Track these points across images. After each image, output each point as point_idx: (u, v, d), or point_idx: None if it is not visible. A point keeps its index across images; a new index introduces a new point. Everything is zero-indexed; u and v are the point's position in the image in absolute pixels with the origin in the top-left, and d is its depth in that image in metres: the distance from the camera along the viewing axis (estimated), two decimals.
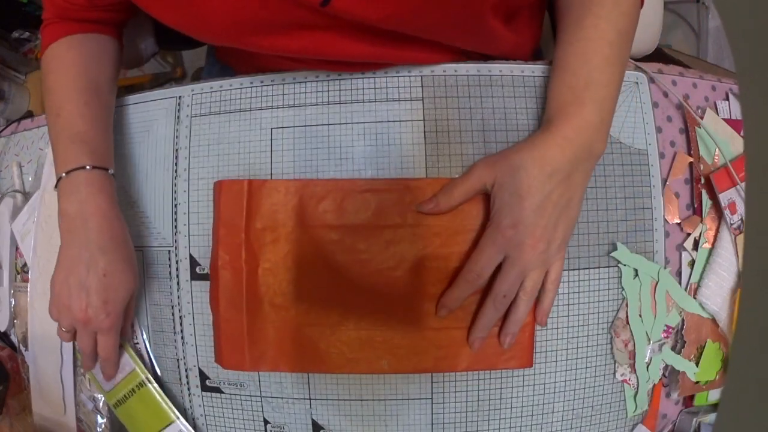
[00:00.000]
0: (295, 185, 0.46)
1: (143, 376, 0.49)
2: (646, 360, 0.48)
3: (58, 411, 0.53)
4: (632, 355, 0.48)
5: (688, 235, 0.49)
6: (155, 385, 0.49)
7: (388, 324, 0.45)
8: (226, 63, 0.66)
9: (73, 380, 0.52)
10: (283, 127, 0.49)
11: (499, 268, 0.43)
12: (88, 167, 0.45)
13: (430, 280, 0.45)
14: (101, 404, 0.52)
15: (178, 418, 0.49)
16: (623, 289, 0.47)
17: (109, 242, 0.45)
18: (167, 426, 0.49)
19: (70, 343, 0.52)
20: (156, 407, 0.49)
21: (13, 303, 0.58)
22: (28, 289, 0.55)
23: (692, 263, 0.49)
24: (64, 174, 0.46)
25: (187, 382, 0.50)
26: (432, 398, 0.47)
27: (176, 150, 0.51)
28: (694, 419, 0.49)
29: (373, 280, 0.45)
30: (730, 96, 0.52)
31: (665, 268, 0.48)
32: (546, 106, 0.45)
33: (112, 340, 0.46)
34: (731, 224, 0.49)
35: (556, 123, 0.42)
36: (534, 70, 0.48)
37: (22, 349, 0.56)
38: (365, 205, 0.45)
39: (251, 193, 0.46)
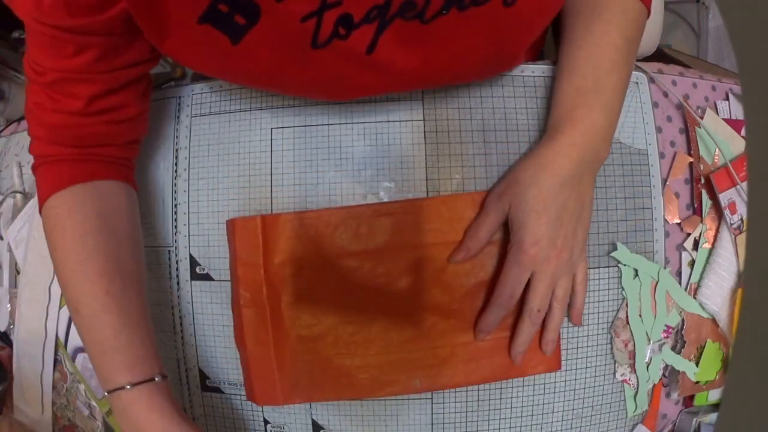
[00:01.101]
0: (309, 216, 0.46)
1: None
2: (646, 360, 0.48)
3: (36, 411, 0.55)
4: (632, 355, 0.48)
5: (688, 235, 0.49)
6: None
7: (417, 344, 0.45)
8: None
9: (52, 384, 0.54)
10: (283, 127, 0.49)
11: (528, 283, 0.43)
12: (128, 387, 0.38)
13: (455, 297, 0.45)
14: (96, 411, 0.52)
15: None
16: (623, 289, 0.47)
17: None
18: None
19: (52, 349, 0.53)
20: None
21: (9, 307, 0.58)
22: (17, 294, 0.56)
23: (692, 263, 0.49)
24: (106, 393, 0.39)
25: (187, 382, 0.50)
26: (432, 398, 0.47)
27: (176, 150, 0.51)
28: (694, 419, 0.49)
29: (397, 303, 0.45)
30: (730, 96, 0.52)
31: (665, 268, 0.48)
32: (552, 109, 0.45)
33: None
34: (731, 224, 0.49)
35: (562, 129, 0.42)
36: (534, 70, 0.48)
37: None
38: (381, 229, 0.45)
39: (266, 228, 0.45)
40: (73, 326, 0.52)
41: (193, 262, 0.49)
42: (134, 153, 0.47)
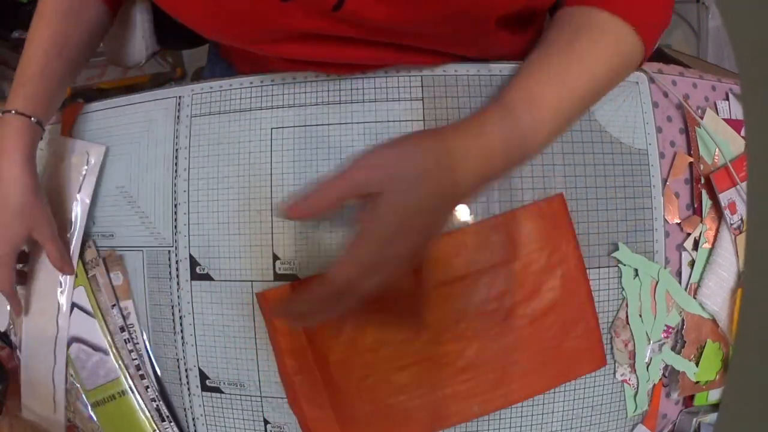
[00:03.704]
0: None
1: (126, 385, 0.50)
2: (646, 360, 0.48)
3: (48, 409, 0.54)
4: (632, 355, 0.48)
5: (688, 235, 0.49)
6: (137, 396, 0.50)
7: (469, 373, 0.46)
8: (228, 60, 0.66)
9: (65, 381, 0.53)
10: (283, 127, 0.49)
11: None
12: (13, 112, 0.46)
13: (497, 322, 0.46)
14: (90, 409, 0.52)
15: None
16: (623, 289, 0.47)
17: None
18: None
19: (64, 346, 0.52)
20: (132, 418, 0.50)
21: (9, 307, 0.58)
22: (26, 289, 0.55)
23: (692, 263, 0.49)
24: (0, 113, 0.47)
25: (187, 382, 0.50)
26: None
27: (176, 150, 0.51)
28: (694, 419, 0.49)
29: (442, 338, 0.46)
30: (730, 96, 0.52)
31: (665, 268, 0.48)
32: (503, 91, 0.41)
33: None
34: (731, 224, 0.49)
35: (492, 121, 0.38)
36: None
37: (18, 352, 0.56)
38: (412, 269, 0.45)
39: (296, 293, 0.46)
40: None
41: (193, 262, 0.49)
42: None
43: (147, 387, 0.50)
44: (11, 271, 0.48)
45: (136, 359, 0.51)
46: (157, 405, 0.50)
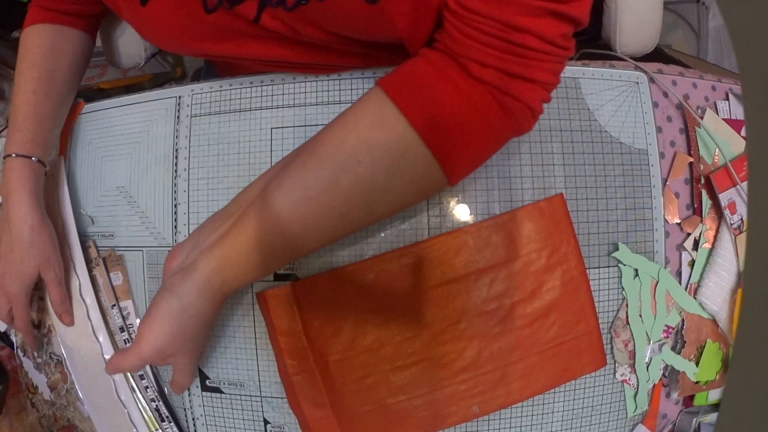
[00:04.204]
0: (336, 274, 0.46)
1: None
2: (646, 360, 0.48)
3: None
4: (632, 355, 0.48)
5: (688, 235, 0.49)
6: (138, 396, 0.50)
7: (469, 373, 0.46)
8: (213, 67, 0.67)
9: (133, 398, 0.50)
10: (283, 127, 0.49)
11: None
12: (13, 155, 0.48)
13: (496, 322, 0.46)
14: None
15: None
16: (623, 289, 0.47)
17: (6, 223, 0.48)
18: None
19: None
20: None
21: None
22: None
23: (692, 263, 0.49)
24: (1, 159, 0.49)
25: None
26: None
27: (176, 150, 0.51)
28: (694, 419, 0.49)
29: (440, 338, 0.46)
30: (730, 96, 0.52)
31: (665, 268, 0.48)
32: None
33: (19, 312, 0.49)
34: (731, 224, 0.49)
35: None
36: None
37: (20, 354, 0.56)
38: (412, 270, 0.46)
39: (297, 295, 0.46)
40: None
41: None
42: (98, 10, 0.54)
43: (147, 387, 0.50)
44: (26, 308, 0.49)
45: None
46: (157, 405, 0.50)
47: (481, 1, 0.32)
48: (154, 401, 0.50)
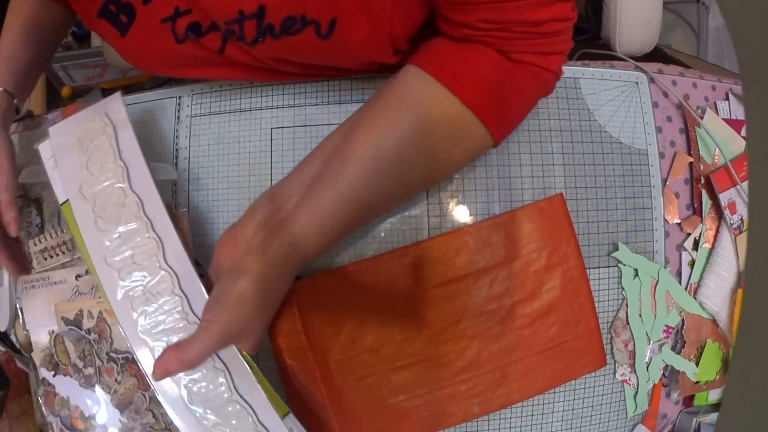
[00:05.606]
0: (336, 274, 0.46)
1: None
2: (646, 360, 0.48)
3: None
4: (632, 355, 0.48)
5: (688, 235, 0.49)
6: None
7: (468, 373, 0.46)
8: None
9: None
10: (283, 127, 0.49)
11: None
12: None
13: (495, 322, 0.46)
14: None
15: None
16: (623, 289, 0.47)
17: None
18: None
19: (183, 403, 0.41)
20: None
21: (17, 305, 0.57)
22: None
23: (692, 263, 0.49)
24: None
25: None
26: None
27: (176, 150, 0.51)
28: (694, 419, 0.49)
29: (440, 338, 0.46)
30: (730, 96, 0.52)
31: (665, 268, 0.48)
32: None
33: None
34: (731, 224, 0.49)
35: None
36: None
37: (47, 372, 0.55)
38: (412, 270, 0.46)
39: (297, 295, 0.46)
40: None
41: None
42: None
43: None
44: None
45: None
46: None
47: (501, 12, 0.36)
48: None
